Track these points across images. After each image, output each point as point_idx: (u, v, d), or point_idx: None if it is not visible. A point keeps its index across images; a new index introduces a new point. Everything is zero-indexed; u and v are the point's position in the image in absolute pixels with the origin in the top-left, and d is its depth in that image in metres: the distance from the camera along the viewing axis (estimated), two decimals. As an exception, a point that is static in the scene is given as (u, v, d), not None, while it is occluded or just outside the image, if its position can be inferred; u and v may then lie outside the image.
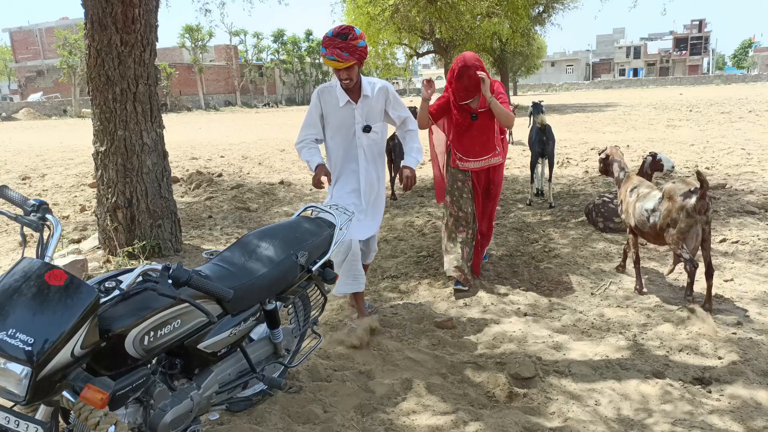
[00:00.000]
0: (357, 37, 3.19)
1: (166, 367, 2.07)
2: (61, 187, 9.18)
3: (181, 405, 2.02)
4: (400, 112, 3.62)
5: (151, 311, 1.81)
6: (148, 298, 1.84)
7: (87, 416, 1.64)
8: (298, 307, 2.80)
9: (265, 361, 2.56)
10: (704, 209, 3.60)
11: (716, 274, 4.29)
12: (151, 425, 1.95)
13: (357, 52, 3.20)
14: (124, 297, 1.81)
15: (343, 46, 3.15)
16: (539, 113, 6.86)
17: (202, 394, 2.14)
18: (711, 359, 3.05)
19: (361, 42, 3.20)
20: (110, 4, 4.59)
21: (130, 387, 1.81)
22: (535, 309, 3.87)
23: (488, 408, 2.68)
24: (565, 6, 29.80)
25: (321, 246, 2.59)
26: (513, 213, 6.59)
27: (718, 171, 8.32)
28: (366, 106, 3.46)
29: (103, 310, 1.75)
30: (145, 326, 1.79)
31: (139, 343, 1.78)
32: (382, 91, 3.51)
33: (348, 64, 3.20)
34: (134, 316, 1.77)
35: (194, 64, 50.06)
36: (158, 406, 1.97)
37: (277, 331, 2.53)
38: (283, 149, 13.63)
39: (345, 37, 3.16)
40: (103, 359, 1.77)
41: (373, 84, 3.50)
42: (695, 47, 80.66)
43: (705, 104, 24.06)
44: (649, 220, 3.85)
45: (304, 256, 2.43)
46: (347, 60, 3.17)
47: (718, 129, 14.25)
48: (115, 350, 1.76)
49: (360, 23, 23.04)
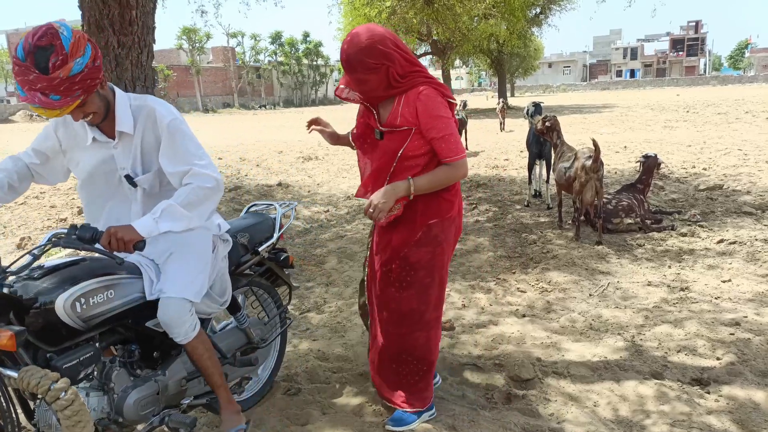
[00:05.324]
0: (70, 55, 1.76)
1: (125, 356, 2.12)
2: (58, 189, 9.15)
3: (144, 386, 2.07)
4: (178, 165, 2.06)
5: (79, 279, 1.89)
6: (75, 269, 1.92)
7: (29, 382, 1.66)
8: (264, 298, 2.87)
9: (239, 349, 2.60)
10: (596, 169, 5.08)
11: (714, 274, 4.32)
12: (116, 409, 2.00)
13: (77, 85, 1.78)
14: (53, 269, 1.90)
15: (46, 84, 1.73)
16: (538, 114, 6.87)
17: (168, 379, 2.17)
18: (709, 360, 3.05)
19: (80, 60, 1.78)
20: (107, 6, 4.58)
21: (77, 360, 1.88)
22: (533, 310, 3.87)
23: (487, 409, 2.68)
24: (562, 7, 29.94)
25: (263, 230, 2.68)
26: (511, 214, 6.59)
27: (715, 172, 8.34)
28: (128, 147, 2.09)
29: (25, 282, 1.83)
30: (73, 292, 1.85)
31: (71, 309, 1.84)
32: (149, 120, 2.07)
33: (67, 110, 1.83)
34: (61, 284, 1.85)
35: (191, 66, 50.02)
36: (120, 390, 2.02)
37: (241, 316, 2.60)
38: (281, 151, 13.63)
39: (46, 62, 1.73)
40: (46, 335, 1.83)
41: (137, 108, 2.08)
42: (692, 48, 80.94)
43: (702, 105, 24.12)
44: (566, 174, 5.46)
45: (245, 237, 2.55)
46: (62, 106, 1.80)
47: (715, 130, 14.29)
48: (53, 324, 1.83)
49: (357, 25, 23.08)
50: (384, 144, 2.30)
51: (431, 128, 2.20)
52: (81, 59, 1.79)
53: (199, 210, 2.05)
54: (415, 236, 2.34)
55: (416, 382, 2.52)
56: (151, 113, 2.06)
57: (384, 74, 2.14)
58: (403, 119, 2.22)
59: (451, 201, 2.39)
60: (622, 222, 5.58)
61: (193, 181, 2.04)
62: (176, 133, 2.05)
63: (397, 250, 2.38)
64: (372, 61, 2.09)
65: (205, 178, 2.04)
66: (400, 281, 2.40)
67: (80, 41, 1.80)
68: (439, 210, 2.35)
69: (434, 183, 2.26)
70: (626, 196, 5.77)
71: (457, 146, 2.24)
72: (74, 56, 1.77)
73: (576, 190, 5.30)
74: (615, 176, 8.44)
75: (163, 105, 2.11)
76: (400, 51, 2.15)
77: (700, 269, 4.47)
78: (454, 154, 2.23)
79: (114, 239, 1.88)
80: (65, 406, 1.66)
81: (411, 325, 2.43)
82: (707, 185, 7.32)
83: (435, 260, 2.39)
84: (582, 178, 5.19)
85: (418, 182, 2.23)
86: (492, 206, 7.05)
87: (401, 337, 2.46)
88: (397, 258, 2.38)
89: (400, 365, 2.52)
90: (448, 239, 2.42)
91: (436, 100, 2.21)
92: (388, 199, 2.20)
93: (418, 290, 2.39)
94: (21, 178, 2.17)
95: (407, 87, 2.20)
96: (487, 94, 51.69)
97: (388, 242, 2.41)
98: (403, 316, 2.43)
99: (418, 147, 2.24)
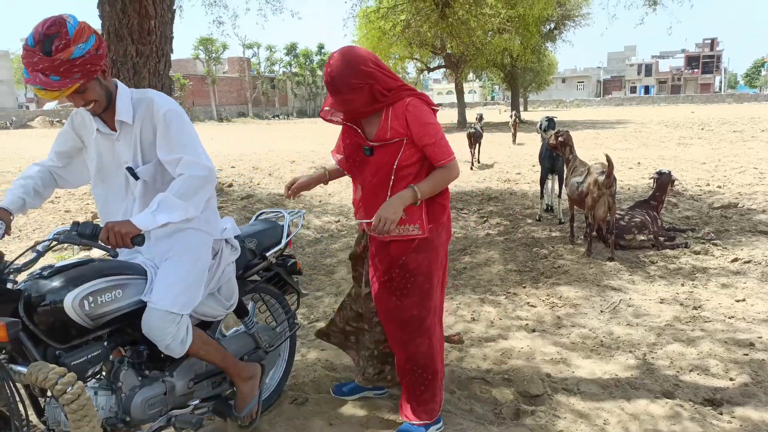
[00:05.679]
0: (73, 40, 1.86)
1: (134, 357, 2.14)
2: (73, 194, 9.26)
3: (151, 386, 2.11)
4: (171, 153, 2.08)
5: (88, 278, 1.93)
6: (84, 269, 1.96)
7: (37, 376, 1.70)
8: (272, 303, 2.88)
9: (248, 354, 2.63)
10: (609, 185, 5.06)
11: (728, 293, 4.26)
12: (124, 408, 2.03)
13: (76, 68, 1.87)
14: (63, 269, 1.93)
15: (47, 65, 1.84)
16: (551, 129, 6.86)
17: (176, 380, 2.20)
18: (722, 380, 3.00)
19: (82, 45, 1.87)
20: (127, 16, 4.67)
21: (85, 358, 1.91)
22: (543, 325, 3.84)
23: (495, 425, 2.66)
24: (576, 23, 29.98)
25: (271, 236, 2.71)
26: (522, 228, 6.56)
27: (730, 190, 8.26)
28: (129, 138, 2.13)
29: (35, 281, 1.89)
30: (82, 290, 1.88)
31: (79, 307, 1.87)
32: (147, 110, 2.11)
33: (66, 92, 1.91)
34: (70, 283, 1.89)
35: (207, 76, 50.67)
36: (127, 390, 2.06)
37: (249, 321, 2.64)
38: (293, 160, 13.70)
39: (50, 46, 1.83)
40: (55, 333, 1.87)
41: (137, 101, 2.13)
42: (707, 66, 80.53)
43: (717, 123, 23.95)
44: (578, 189, 5.41)
45: (253, 242, 2.58)
46: (60, 87, 1.88)
47: (730, 148, 14.17)
48: (62, 322, 1.86)
49: (371, 37, 23.27)
50: (375, 159, 2.34)
51: (423, 135, 2.27)
52: (83, 45, 1.88)
53: (194, 200, 2.04)
54: (413, 243, 2.38)
55: (421, 393, 2.51)
56: (150, 103, 2.09)
57: (368, 92, 2.20)
58: (393, 132, 2.27)
59: (444, 205, 2.45)
60: (635, 238, 5.53)
61: (186, 171, 2.05)
62: (171, 123, 2.08)
63: (396, 257, 2.40)
64: (356, 81, 2.15)
65: (197, 167, 2.05)
66: (400, 289, 2.42)
67: (84, 30, 1.90)
68: (434, 215, 2.40)
69: (436, 186, 2.33)
70: (639, 212, 5.72)
71: (448, 149, 2.33)
72: (77, 42, 1.87)
73: (588, 206, 5.28)
74: (628, 192, 8.39)
75: (161, 96, 2.14)
76: (380, 69, 2.23)
77: (713, 288, 4.41)
78: (447, 156, 2.31)
79: (112, 234, 1.90)
80: (71, 400, 1.70)
81: (412, 332, 2.45)
82: (722, 203, 7.25)
83: (432, 266, 2.43)
84: (594, 193, 5.17)
85: (422, 188, 2.28)
86: (503, 220, 7.03)
87: (403, 345, 2.48)
88: (397, 266, 2.41)
89: (404, 375, 2.53)
90: (442, 244, 2.47)
91: (423, 108, 2.29)
92: (397, 209, 2.23)
93: (418, 297, 2.42)
94: (45, 183, 2.26)
95: (392, 100, 2.26)
96: (500, 108, 51.70)
97: (386, 251, 2.44)
98: (404, 324, 2.45)
99: (410, 156, 2.30)
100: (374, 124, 2.32)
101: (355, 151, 2.41)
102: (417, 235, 2.36)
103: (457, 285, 4.69)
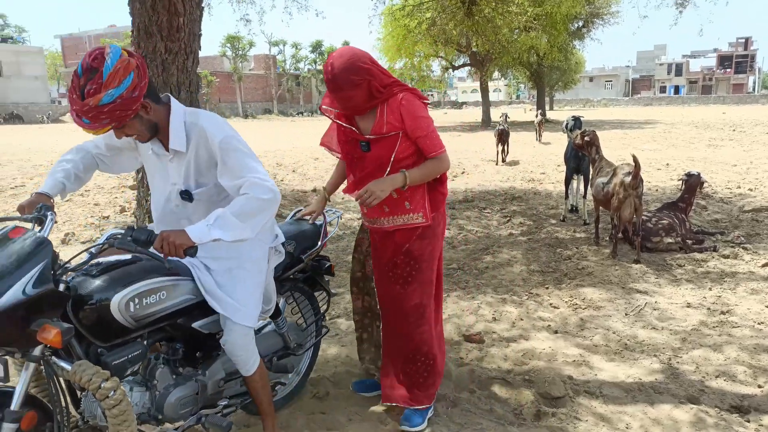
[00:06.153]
0: (104, 85, 1.80)
1: (169, 354, 2.17)
2: (102, 188, 9.46)
3: (185, 386, 2.13)
4: (234, 179, 2.05)
5: (135, 279, 1.95)
6: (131, 269, 1.98)
7: (81, 377, 1.72)
8: (303, 303, 2.89)
9: (276, 354, 2.65)
10: (635, 186, 4.95)
11: (758, 299, 4.16)
12: (157, 406, 2.06)
13: (104, 115, 1.83)
14: (110, 267, 1.94)
15: (79, 107, 1.82)
16: (577, 128, 6.77)
17: (208, 379, 2.23)
18: (750, 387, 2.93)
19: (112, 91, 1.81)
20: (156, 13, 4.74)
21: (125, 358, 1.92)
22: (566, 326, 3.80)
23: (515, 425, 2.64)
24: (605, 21, 29.47)
25: (309, 237, 2.72)
26: (546, 229, 6.50)
27: (762, 193, 8.05)
28: (181, 162, 2.14)
29: (83, 278, 1.90)
30: (129, 292, 1.91)
31: (125, 308, 1.89)
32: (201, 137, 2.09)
33: (100, 131, 1.91)
34: (117, 283, 1.91)
35: (234, 73, 51.22)
36: (162, 388, 2.08)
37: (280, 321, 2.66)
38: (317, 157, 13.78)
39: (84, 89, 1.81)
40: (98, 331, 1.89)
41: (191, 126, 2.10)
42: (740, 65, 78.45)
43: (749, 124, 23.33)
44: (603, 189, 5.33)
45: (291, 244, 2.57)
46: (91, 129, 1.88)
47: (763, 150, 13.80)
48: (107, 321, 1.88)
49: (397, 35, 23.25)
50: (373, 153, 2.45)
51: (416, 128, 2.39)
52: (114, 90, 1.81)
53: (252, 221, 1.99)
54: (417, 230, 2.51)
55: (425, 379, 2.62)
56: (202, 132, 2.07)
57: (366, 88, 2.31)
58: (389, 126, 2.39)
59: (444, 194, 2.60)
60: (662, 241, 5.43)
61: (250, 191, 2.00)
62: (229, 151, 2.05)
63: (401, 244, 2.52)
64: (356, 78, 2.27)
65: (261, 189, 2.00)
66: (404, 277, 2.53)
67: (119, 71, 1.82)
68: (435, 204, 2.55)
69: (425, 175, 2.45)
70: (667, 214, 5.62)
71: (439, 142, 2.45)
72: (108, 87, 1.80)
73: (614, 207, 5.19)
74: (656, 194, 8.24)
75: (213, 124, 2.10)
76: (376, 66, 2.36)
77: (742, 293, 4.31)
78: (438, 148, 2.44)
79: (166, 243, 1.89)
80: (113, 405, 1.72)
81: (416, 319, 2.56)
82: (753, 206, 7.06)
83: (434, 252, 2.58)
84: (620, 194, 5.08)
85: (412, 174, 2.40)
86: (527, 220, 6.97)
87: (409, 335, 2.57)
88: (401, 253, 2.52)
89: (407, 364, 2.61)
90: (442, 232, 2.63)
91: (415, 103, 2.41)
92: (386, 188, 2.35)
93: (420, 284, 2.54)
94: (86, 168, 2.28)
95: (387, 96, 2.38)
96: (525, 107, 51.17)
97: (390, 239, 2.54)
98: (408, 312, 2.55)
99: (406, 149, 2.42)
100: (370, 120, 2.43)
101: (353, 147, 2.52)
102: (421, 223, 2.50)
103: (478, 284, 4.67)
